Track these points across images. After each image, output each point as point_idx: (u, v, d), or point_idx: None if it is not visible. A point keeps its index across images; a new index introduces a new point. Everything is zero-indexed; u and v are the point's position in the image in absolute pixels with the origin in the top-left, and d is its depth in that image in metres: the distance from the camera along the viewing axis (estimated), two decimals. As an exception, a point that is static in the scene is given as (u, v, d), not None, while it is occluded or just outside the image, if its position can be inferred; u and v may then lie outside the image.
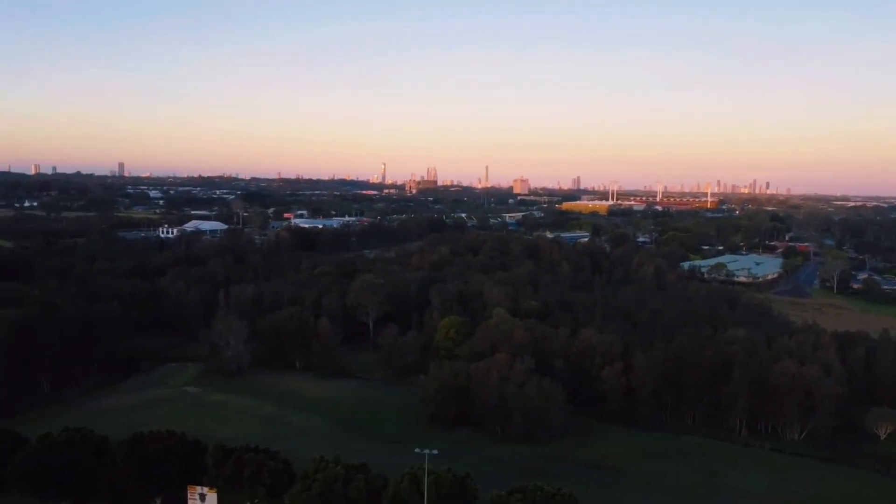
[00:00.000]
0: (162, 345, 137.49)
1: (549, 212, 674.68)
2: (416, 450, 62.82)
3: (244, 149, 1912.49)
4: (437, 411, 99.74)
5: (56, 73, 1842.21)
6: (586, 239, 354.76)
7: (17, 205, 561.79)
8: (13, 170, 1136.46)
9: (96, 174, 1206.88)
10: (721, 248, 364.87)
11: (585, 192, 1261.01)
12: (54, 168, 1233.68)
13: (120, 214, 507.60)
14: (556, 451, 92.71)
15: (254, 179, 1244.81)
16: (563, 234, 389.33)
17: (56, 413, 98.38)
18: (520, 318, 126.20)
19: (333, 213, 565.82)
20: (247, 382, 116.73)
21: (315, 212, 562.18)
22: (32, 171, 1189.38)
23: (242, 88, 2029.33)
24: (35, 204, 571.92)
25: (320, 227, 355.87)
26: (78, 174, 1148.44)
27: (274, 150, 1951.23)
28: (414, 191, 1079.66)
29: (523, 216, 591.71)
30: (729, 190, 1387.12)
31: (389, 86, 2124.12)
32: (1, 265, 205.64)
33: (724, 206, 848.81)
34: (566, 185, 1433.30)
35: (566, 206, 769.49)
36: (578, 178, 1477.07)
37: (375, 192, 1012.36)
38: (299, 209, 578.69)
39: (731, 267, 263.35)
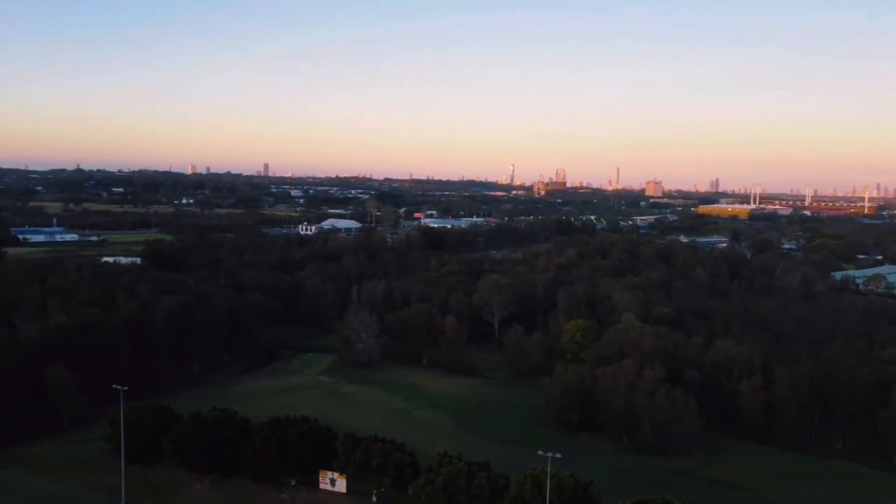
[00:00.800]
0: (299, 335, 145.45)
1: (683, 215, 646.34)
2: (539, 452, 62.41)
3: (378, 151, 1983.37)
4: (560, 414, 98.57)
5: (213, 86, 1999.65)
6: (724, 244, 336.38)
7: (175, 202, 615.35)
8: (173, 170, 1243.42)
9: (244, 174, 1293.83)
10: (880, 257, 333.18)
11: (724, 194, 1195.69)
12: (208, 168, 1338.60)
13: (264, 212, 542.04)
14: (684, 464, 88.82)
15: (387, 180, 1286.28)
16: (699, 239, 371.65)
17: (205, 394, 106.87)
18: (650, 324, 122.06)
19: (462, 213, 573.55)
20: (376, 375, 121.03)
21: (444, 212, 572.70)
22: (189, 171, 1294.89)
23: (377, 93, 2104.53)
24: (191, 201, 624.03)
25: (449, 227, 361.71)
26: (228, 174, 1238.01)
27: (406, 152, 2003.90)
28: (542, 192, 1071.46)
29: (655, 219, 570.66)
30: (890, 195, 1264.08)
31: (519, 86, 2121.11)
32: (162, 257, 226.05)
33: (883, 213, 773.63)
34: (703, 187, 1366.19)
35: (702, 209, 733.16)
36: (716, 179, 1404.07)
37: (503, 194, 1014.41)
38: (429, 209, 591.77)
39: (890, 279, 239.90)
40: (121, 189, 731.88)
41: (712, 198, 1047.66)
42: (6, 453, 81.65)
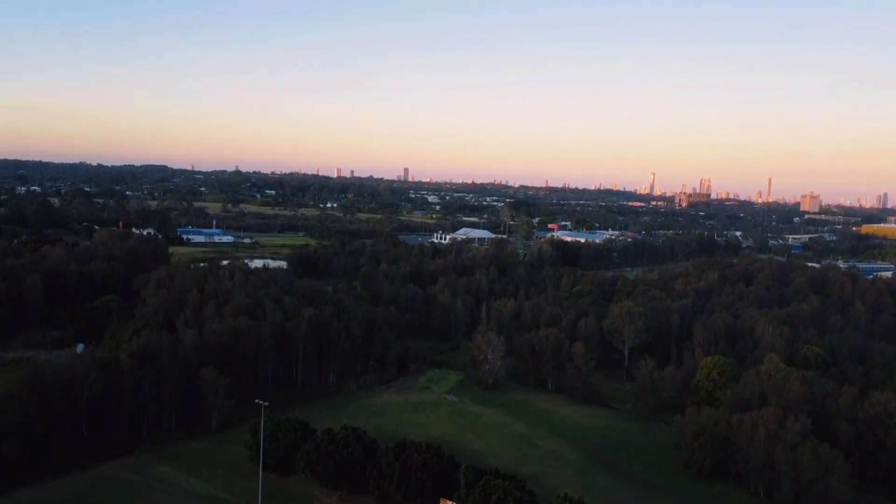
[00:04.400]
0: (429, 349, 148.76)
1: (843, 234, 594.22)
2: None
3: (516, 157, 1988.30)
4: (691, 458, 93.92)
5: (361, 93, 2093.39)
6: (891, 273, 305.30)
7: (321, 205, 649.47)
8: (321, 173, 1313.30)
9: (385, 178, 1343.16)
10: None
11: (893, 212, 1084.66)
12: (352, 172, 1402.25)
13: (402, 217, 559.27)
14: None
15: (522, 187, 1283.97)
16: (861, 265, 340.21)
17: (338, 404, 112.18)
18: (797, 366, 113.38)
19: (597, 225, 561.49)
20: (502, 397, 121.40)
21: (578, 223, 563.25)
22: (335, 175, 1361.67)
23: (519, 98, 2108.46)
24: (335, 204, 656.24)
25: (582, 241, 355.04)
26: (370, 178, 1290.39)
27: (543, 159, 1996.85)
28: (684, 203, 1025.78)
29: (810, 238, 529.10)
30: None
31: (661, 90, 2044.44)
32: (307, 262, 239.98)
33: None
34: (868, 202, 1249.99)
35: (866, 228, 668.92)
36: (884, 194, 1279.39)
37: (642, 204, 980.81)
38: (563, 219, 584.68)
39: None
40: (273, 191, 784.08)
41: (878, 215, 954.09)
42: (163, 449, 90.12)
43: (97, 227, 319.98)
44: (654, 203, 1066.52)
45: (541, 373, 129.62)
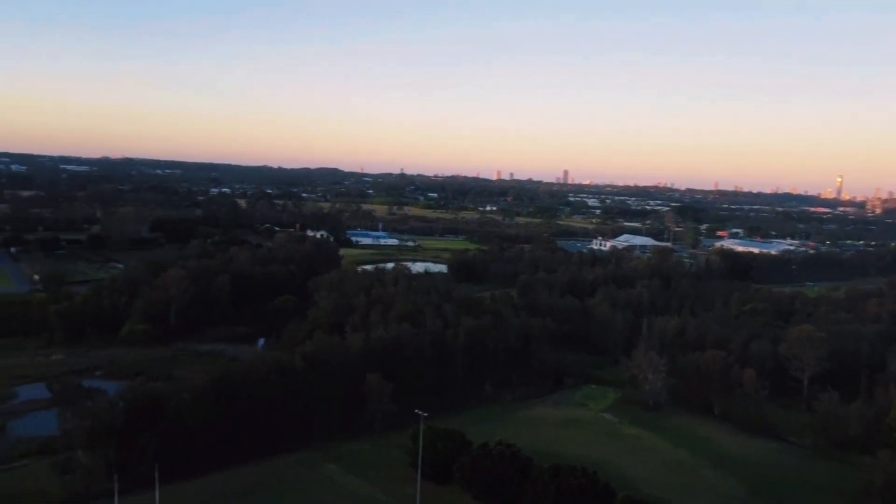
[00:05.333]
0: (585, 363, 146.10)
1: None
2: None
3: (682, 157, 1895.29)
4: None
5: (519, 94, 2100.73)
6: None
7: (481, 208, 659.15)
8: (481, 176, 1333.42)
9: (544, 181, 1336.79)
10: None
11: None
12: (511, 175, 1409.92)
13: (561, 222, 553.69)
14: None
15: (689, 191, 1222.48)
16: None
17: (493, 415, 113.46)
18: None
19: (773, 233, 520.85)
20: (662, 420, 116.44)
21: (752, 231, 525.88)
22: (495, 178, 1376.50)
23: (678, 96, 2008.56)
24: (494, 208, 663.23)
25: (756, 251, 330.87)
26: (530, 181, 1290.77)
27: (712, 159, 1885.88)
28: (878, 210, 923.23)
29: None
30: None
31: (850, 85, 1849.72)
32: (466, 267, 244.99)
33: None
34: None
35: None
36: None
37: (827, 210, 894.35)
38: (734, 226, 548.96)
39: None
40: (435, 194, 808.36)
41: None
42: (330, 448, 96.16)
43: (277, 229, 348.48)
44: (841, 209, 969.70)
45: (706, 396, 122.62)
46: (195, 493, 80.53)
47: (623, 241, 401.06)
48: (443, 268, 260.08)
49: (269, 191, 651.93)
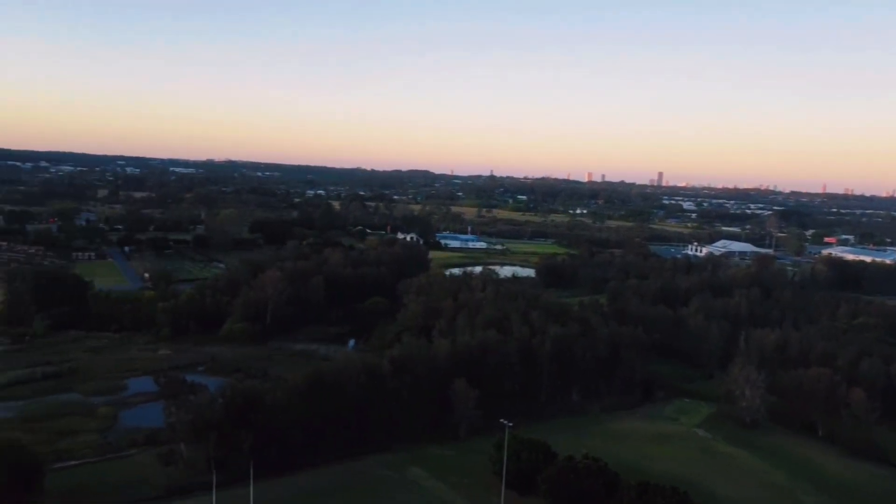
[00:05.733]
0: (677, 376, 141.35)
1: None
2: None
3: (785, 158, 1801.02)
4: None
5: (608, 94, 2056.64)
6: None
7: (571, 211, 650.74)
8: (572, 178, 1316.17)
9: (637, 183, 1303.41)
10: None
11: None
12: (603, 177, 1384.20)
13: (654, 226, 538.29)
14: None
15: (793, 193, 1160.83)
16: None
17: (580, 425, 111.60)
18: None
19: (888, 240, 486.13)
20: (759, 439, 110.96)
21: (864, 237, 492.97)
22: (586, 180, 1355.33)
23: (780, 93, 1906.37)
24: (584, 211, 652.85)
25: (868, 260, 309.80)
26: (622, 183, 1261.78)
27: (819, 160, 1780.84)
28: None
29: None
30: None
31: None
32: (554, 272, 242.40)
33: None
34: None
35: None
36: None
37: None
38: (843, 233, 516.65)
39: None
40: (524, 196, 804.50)
41: None
42: (415, 451, 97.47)
43: (369, 231, 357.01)
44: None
45: (808, 417, 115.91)
46: (287, 490, 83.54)
47: (720, 246, 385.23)
48: (530, 272, 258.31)
49: (362, 193, 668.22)
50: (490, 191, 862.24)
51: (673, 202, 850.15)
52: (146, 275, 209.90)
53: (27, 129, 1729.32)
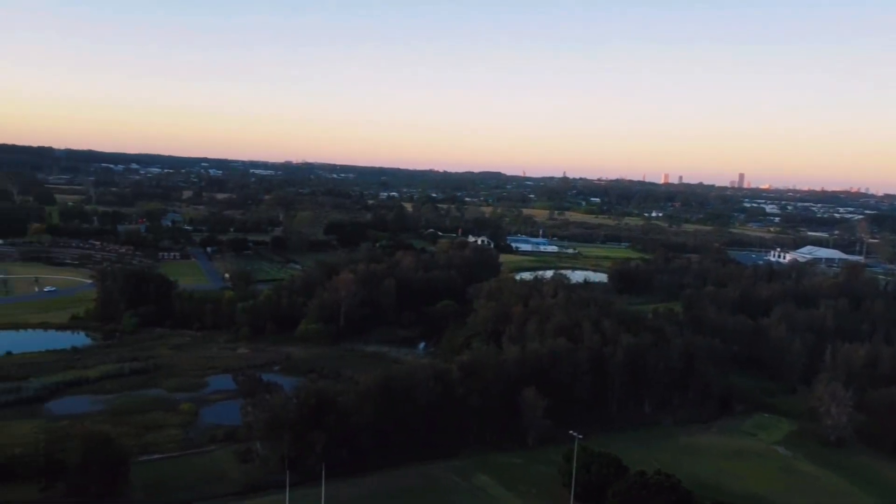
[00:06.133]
0: (756, 389, 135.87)
1: None
2: None
3: (878, 158, 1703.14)
4: None
5: (682, 95, 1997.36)
6: None
7: (646, 213, 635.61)
8: (647, 179, 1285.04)
9: (717, 185, 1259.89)
10: None
11: None
12: (680, 178, 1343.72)
13: (734, 230, 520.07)
14: None
15: (887, 196, 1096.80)
16: None
17: (652, 437, 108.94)
18: None
19: None
20: (846, 459, 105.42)
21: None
22: (662, 181, 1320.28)
23: (862, 90, 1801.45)
24: (660, 214, 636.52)
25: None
26: (700, 185, 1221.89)
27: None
28: None
29: None
30: None
31: None
32: (627, 278, 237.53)
33: None
34: None
35: None
36: None
37: None
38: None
39: None
40: (597, 199, 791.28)
41: None
42: (482, 458, 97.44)
43: (440, 233, 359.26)
44: None
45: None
46: (357, 491, 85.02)
47: (805, 253, 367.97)
48: (603, 277, 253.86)
49: (434, 195, 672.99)
50: (562, 193, 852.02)
51: (754, 205, 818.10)
52: (227, 275, 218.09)
53: (120, 132, 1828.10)
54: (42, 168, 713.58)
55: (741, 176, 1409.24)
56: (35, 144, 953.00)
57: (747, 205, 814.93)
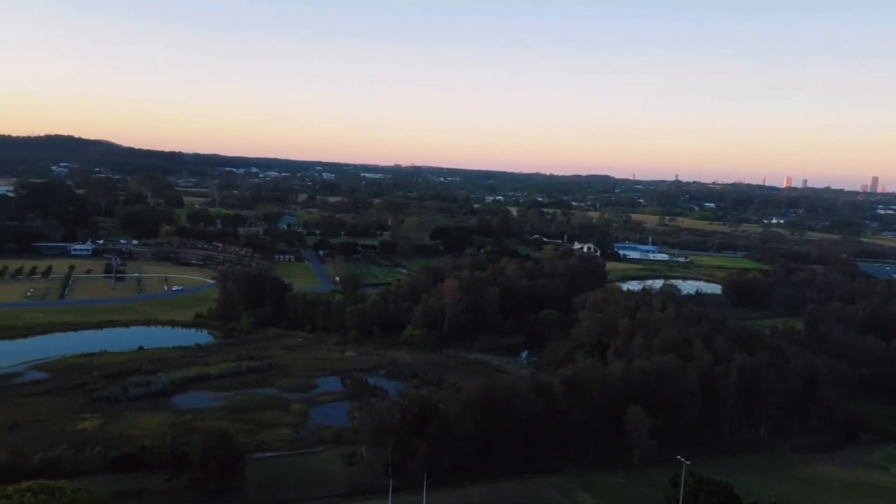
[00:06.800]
0: (888, 418, 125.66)
1: None
2: None
3: None
4: None
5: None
6: None
7: (765, 220, 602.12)
8: (767, 183, 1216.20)
9: (845, 189, 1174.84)
10: None
11: None
12: (805, 182, 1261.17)
13: (865, 240, 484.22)
14: None
15: None
16: None
17: (770, 466, 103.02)
18: None
19: None
20: None
21: None
22: (784, 185, 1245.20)
23: None
24: (781, 221, 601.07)
25: None
26: (827, 189, 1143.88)
27: None
28: None
29: None
30: None
31: None
32: (743, 290, 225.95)
33: None
34: None
35: None
36: None
37: None
38: None
39: None
40: (712, 204, 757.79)
41: None
42: (584, 475, 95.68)
43: (545, 239, 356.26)
44: None
45: None
46: (458, 500, 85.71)
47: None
48: (716, 289, 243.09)
49: (540, 199, 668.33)
50: (674, 197, 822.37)
51: (889, 211, 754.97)
52: (337, 278, 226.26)
53: (241, 138, 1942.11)
54: (173, 171, 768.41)
55: (874, 180, 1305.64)
56: (167, 149, 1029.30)
57: (881, 212, 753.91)
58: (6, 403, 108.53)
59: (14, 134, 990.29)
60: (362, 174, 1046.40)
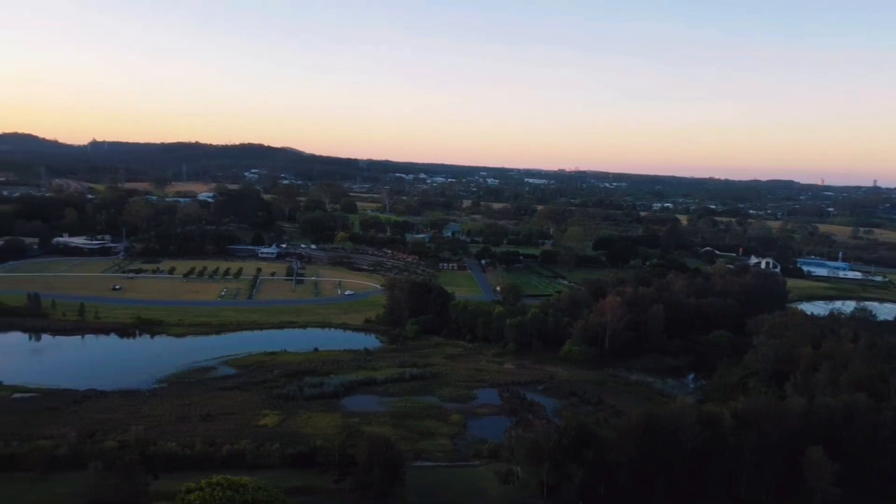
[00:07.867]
0: None
1: None
2: None
3: None
4: None
5: None
6: None
7: None
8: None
9: None
10: None
11: None
12: None
13: None
14: None
15: None
16: None
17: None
18: None
19: None
20: None
21: None
22: None
23: None
24: None
25: None
26: None
27: None
28: None
29: None
30: None
31: None
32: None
33: None
34: None
35: None
36: None
37: None
38: None
39: None
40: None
41: None
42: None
43: (717, 252, 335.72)
44: None
45: None
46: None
47: None
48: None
49: (713, 206, 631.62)
50: (871, 206, 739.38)
51: None
52: (497, 288, 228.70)
53: (411, 144, 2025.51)
54: (348, 177, 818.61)
55: None
56: (344, 156, 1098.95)
57: None
58: (204, 396, 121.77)
59: (214, 142, 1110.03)
60: (526, 179, 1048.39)
